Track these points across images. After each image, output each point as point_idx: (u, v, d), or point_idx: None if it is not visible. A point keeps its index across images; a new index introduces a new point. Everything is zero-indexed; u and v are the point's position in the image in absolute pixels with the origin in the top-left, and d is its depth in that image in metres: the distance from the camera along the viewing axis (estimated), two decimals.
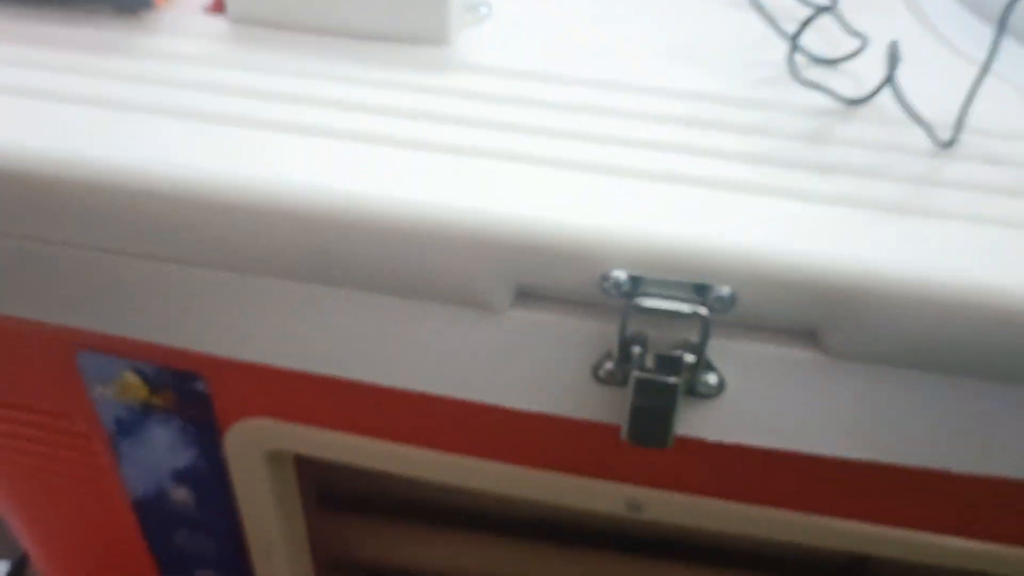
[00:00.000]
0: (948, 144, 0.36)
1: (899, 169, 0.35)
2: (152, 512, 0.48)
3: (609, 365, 0.35)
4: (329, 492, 0.52)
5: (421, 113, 0.36)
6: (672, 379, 0.34)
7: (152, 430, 0.43)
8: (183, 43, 0.39)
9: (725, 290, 0.32)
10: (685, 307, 0.32)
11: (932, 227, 0.33)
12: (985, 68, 0.35)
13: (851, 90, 0.38)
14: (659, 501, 0.40)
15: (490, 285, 0.34)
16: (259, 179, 0.33)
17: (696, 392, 0.35)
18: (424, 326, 0.35)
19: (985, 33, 0.39)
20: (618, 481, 0.40)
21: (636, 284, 0.32)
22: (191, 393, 0.41)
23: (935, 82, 0.39)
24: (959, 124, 0.36)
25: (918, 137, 0.36)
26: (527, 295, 0.35)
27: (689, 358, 0.34)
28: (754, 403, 0.35)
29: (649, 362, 0.34)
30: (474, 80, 0.38)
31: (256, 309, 0.36)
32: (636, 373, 0.34)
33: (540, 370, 0.36)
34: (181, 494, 0.46)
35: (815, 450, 0.36)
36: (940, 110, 0.37)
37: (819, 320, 0.32)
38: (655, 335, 0.34)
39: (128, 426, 0.43)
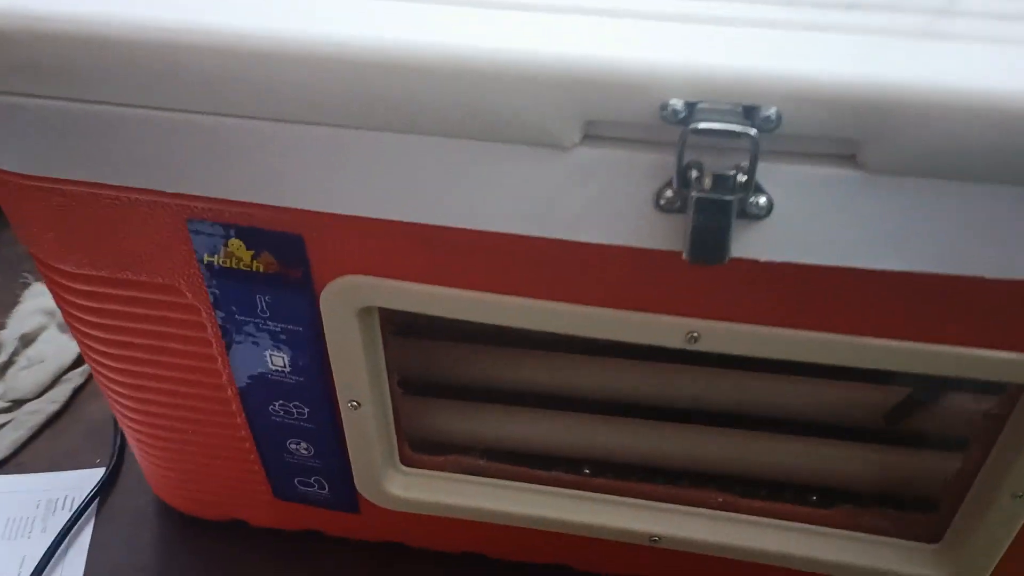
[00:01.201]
0: None
1: (920, 3, 0.39)
2: (251, 383, 0.53)
3: (669, 193, 0.39)
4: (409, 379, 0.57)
5: None
6: (728, 196, 0.38)
7: (253, 295, 0.48)
8: None
9: (771, 110, 0.36)
10: (736, 127, 0.36)
11: (954, 48, 0.37)
12: None
13: None
14: (715, 331, 0.44)
15: (560, 122, 0.38)
16: (352, 36, 0.38)
17: (748, 214, 0.39)
18: (501, 166, 0.40)
19: None
20: (677, 315, 0.44)
21: (691, 110, 0.36)
22: (290, 254, 0.45)
23: None
24: None
25: None
26: (593, 136, 0.39)
27: (741, 177, 0.38)
28: (801, 222, 0.39)
29: (706, 184, 0.38)
30: None
31: (350, 162, 0.41)
32: (695, 194, 0.38)
33: (606, 202, 0.40)
34: (278, 361, 0.51)
35: (859, 263, 0.40)
36: None
37: (857, 136, 0.36)
38: (709, 161, 0.38)
39: (232, 293, 0.48)
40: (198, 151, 0.42)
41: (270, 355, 0.51)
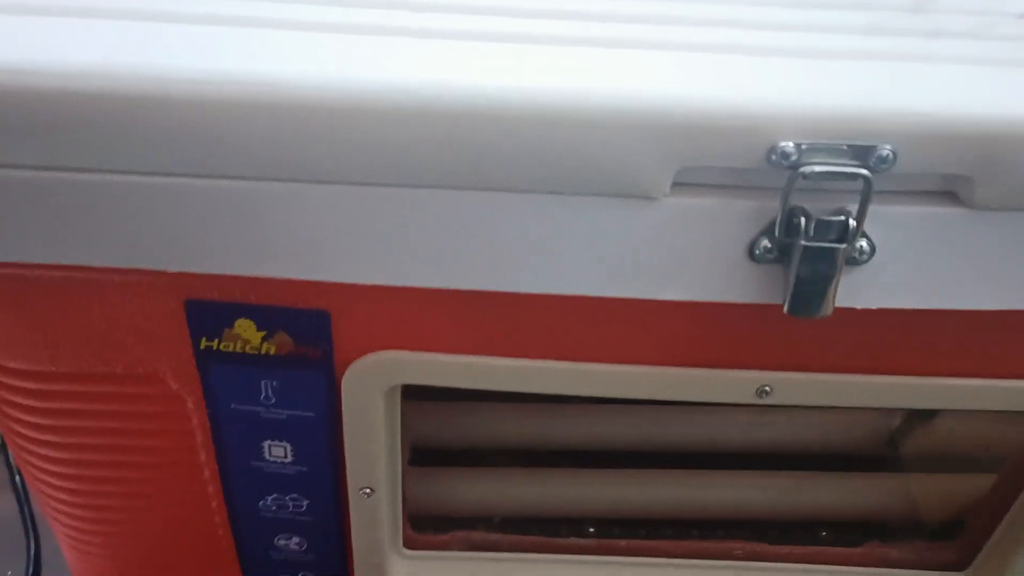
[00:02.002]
0: None
1: (1000, 31, 0.37)
2: (240, 478, 0.46)
3: (765, 242, 0.36)
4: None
5: (577, 13, 0.36)
6: (838, 244, 0.34)
7: (258, 381, 0.41)
8: None
9: (886, 149, 0.33)
10: (851, 168, 0.33)
11: None
12: None
13: None
14: (789, 383, 0.41)
15: (653, 170, 0.34)
16: (402, 81, 0.32)
17: (850, 260, 0.36)
18: (576, 222, 0.35)
19: None
20: (749, 369, 0.41)
21: (802, 152, 0.33)
22: (312, 332, 0.39)
23: None
24: None
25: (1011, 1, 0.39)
26: (683, 183, 0.35)
27: (851, 223, 0.34)
28: (903, 265, 0.36)
29: (811, 231, 0.35)
30: None
31: (395, 227, 0.35)
32: (802, 242, 0.34)
33: (694, 256, 0.36)
34: (278, 451, 0.44)
35: (961, 305, 0.37)
36: None
37: (969, 172, 0.34)
38: (812, 207, 0.35)
39: (232, 380, 0.41)
40: (203, 221, 0.35)
41: (269, 446, 0.44)
